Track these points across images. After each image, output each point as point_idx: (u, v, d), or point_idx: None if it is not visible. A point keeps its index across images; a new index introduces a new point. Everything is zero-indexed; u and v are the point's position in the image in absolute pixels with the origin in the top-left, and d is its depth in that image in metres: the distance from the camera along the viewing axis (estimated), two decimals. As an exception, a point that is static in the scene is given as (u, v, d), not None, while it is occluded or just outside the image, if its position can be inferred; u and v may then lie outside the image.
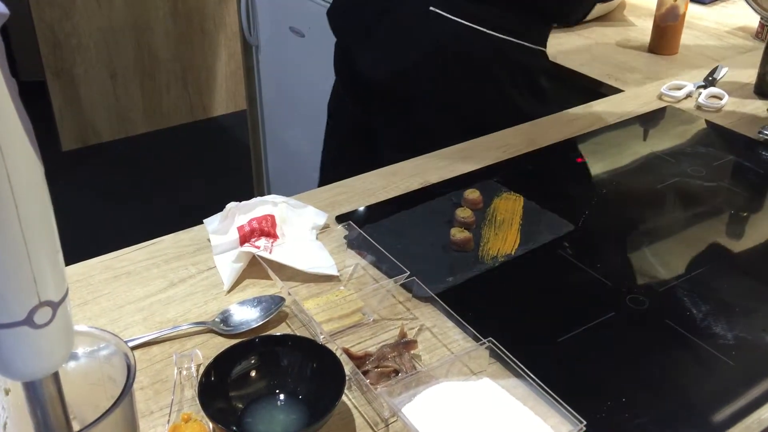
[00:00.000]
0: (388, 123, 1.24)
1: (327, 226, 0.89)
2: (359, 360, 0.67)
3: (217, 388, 0.62)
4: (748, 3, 1.53)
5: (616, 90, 1.32)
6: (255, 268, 0.80)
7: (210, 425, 0.60)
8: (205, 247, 0.85)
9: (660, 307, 0.77)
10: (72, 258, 0.74)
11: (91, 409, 0.47)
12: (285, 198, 0.89)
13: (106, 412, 0.43)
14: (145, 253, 0.84)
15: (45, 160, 0.36)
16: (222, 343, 0.70)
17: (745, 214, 0.97)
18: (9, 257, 0.35)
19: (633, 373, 0.69)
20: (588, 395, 0.66)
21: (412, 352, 0.68)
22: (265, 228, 0.82)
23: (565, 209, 0.93)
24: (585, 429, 0.60)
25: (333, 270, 0.80)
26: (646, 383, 0.67)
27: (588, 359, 0.70)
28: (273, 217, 0.84)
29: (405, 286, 0.78)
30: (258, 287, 0.79)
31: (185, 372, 0.67)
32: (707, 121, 1.19)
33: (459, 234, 0.85)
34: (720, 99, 1.23)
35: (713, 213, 0.96)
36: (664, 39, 1.47)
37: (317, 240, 0.86)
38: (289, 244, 0.82)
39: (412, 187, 0.98)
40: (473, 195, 0.92)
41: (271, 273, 0.77)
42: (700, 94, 1.24)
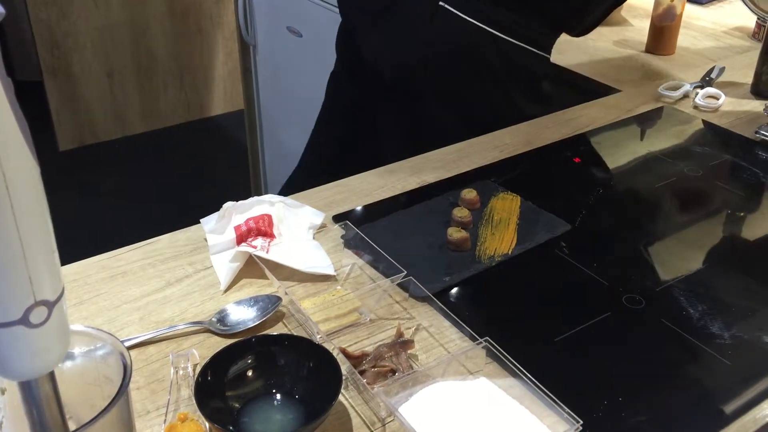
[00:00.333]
0: (386, 110, 1.24)
1: (324, 225, 0.88)
2: (356, 359, 0.67)
3: (214, 387, 0.62)
4: (744, 3, 1.53)
5: (613, 90, 1.32)
6: (252, 267, 0.80)
7: (206, 425, 0.60)
8: (202, 247, 0.85)
9: (656, 307, 0.77)
10: (69, 257, 0.74)
11: (87, 409, 0.47)
12: (282, 197, 0.89)
13: (102, 411, 0.43)
14: (142, 253, 0.84)
15: (42, 160, 0.36)
16: (218, 343, 0.70)
17: (742, 214, 0.97)
18: (4, 256, 0.35)
19: (629, 373, 0.69)
20: (584, 395, 0.66)
21: (409, 351, 0.68)
22: (262, 227, 0.82)
23: (562, 209, 0.93)
24: (581, 428, 0.60)
25: (330, 270, 0.80)
26: (642, 383, 0.68)
27: (584, 359, 0.71)
28: (270, 217, 0.84)
29: (402, 285, 0.78)
30: (255, 287, 0.79)
31: (182, 372, 0.66)
32: (704, 121, 1.19)
33: (456, 233, 0.85)
34: (717, 99, 1.24)
35: (710, 213, 0.96)
36: (661, 39, 1.47)
37: (314, 239, 0.86)
38: (286, 243, 0.82)
39: (409, 187, 0.98)
40: (470, 195, 0.92)
41: (268, 273, 0.77)
42: (697, 94, 1.25)
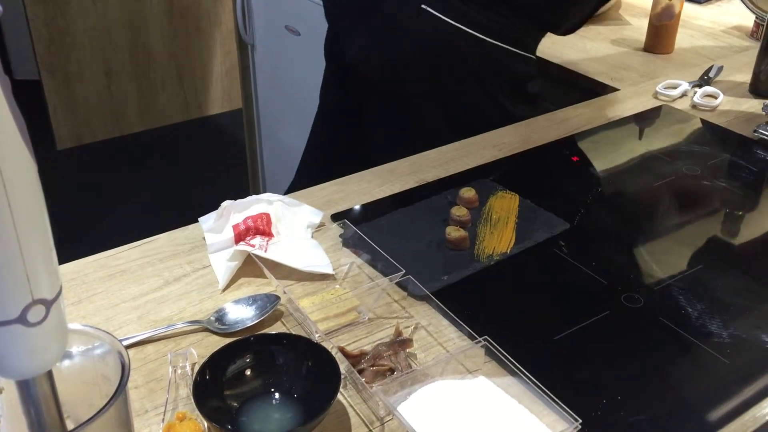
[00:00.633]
0: (374, 113, 1.24)
1: (322, 224, 0.88)
2: (354, 358, 0.67)
3: (212, 386, 0.61)
4: (743, 2, 1.54)
5: (611, 89, 1.32)
6: (250, 266, 0.80)
7: (205, 424, 0.60)
8: (200, 246, 0.84)
9: (655, 306, 0.77)
10: (66, 257, 0.74)
11: (85, 408, 0.47)
12: (280, 196, 0.88)
13: (100, 410, 0.43)
14: (140, 252, 0.84)
15: (40, 158, 0.36)
16: (217, 342, 0.70)
17: (740, 212, 0.97)
18: (2, 255, 0.35)
19: (628, 371, 0.69)
20: (583, 393, 0.66)
21: (407, 350, 0.68)
22: (260, 226, 0.82)
23: (561, 208, 0.93)
24: (580, 427, 0.60)
25: (328, 268, 0.80)
26: (641, 381, 0.68)
27: (583, 357, 0.71)
28: (268, 216, 0.84)
29: (400, 284, 0.78)
30: (253, 286, 0.79)
31: (180, 371, 0.66)
32: (702, 120, 1.19)
33: (454, 232, 0.85)
34: (715, 98, 1.24)
35: (708, 212, 0.96)
36: (659, 38, 1.47)
37: (312, 238, 0.86)
38: (285, 242, 0.82)
39: (407, 186, 0.98)
40: (469, 193, 0.92)
41: (266, 271, 0.77)
42: (695, 93, 1.25)
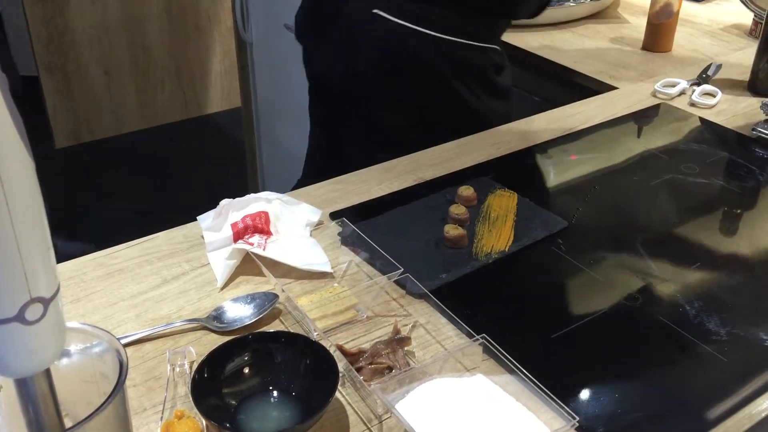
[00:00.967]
0: (349, 123, 1.25)
1: (321, 222, 0.88)
2: (353, 357, 0.67)
3: (211, 385, 0.62)
4: (741, 0, 1.54)
5: (609, 87, 1.32)
6: (248, 265, 0.80)
7: (203, 422, 0.60)
8: (199, 244, 0.84)
9: (653, 304, 0.77)
10: (65, 256, 0.74)
11: (84, 406, 0.47)
12: (279, 195, 0.88)
13: (98, 408, 0.43)
14: (139, 250, 0.84)
15: (38, 157, 0.36)
16: (215, 340, 0.70)
17: (739, 210, 0.97)
18: (0, 253, 0.35)
19: (626, 369, 0.69)
20: (581, 391, 0.66)
21: (405, 348, 0.69)
22: (259, 225, 0.82)
23: (559, 206, 0.93)
24: (578, 425, 0.60)
25: (327, 267, 0.80)
26: (638, 379, 0.68)
27: (581, 355, 0.71)
28: (267, 214, 0.84)
29: (399, 282, 0.78)
30: (251, 284, 0.79)
31: (178, 369, 0.66)
32: (701, 119, 1.19)
33: (453, 231, 0.85)
34: (713, 96, 1.24)
35: (706, 210, 0.96)
36: (657, 36, 1.47)
37: (311, 237, 0.86)
38: (283, 241, 0.82)
39: (406, 184, 0.98)
40: (467, 192, 0.92)
41: (265, 270, 0.77)
42: (693, 91, 1.25)
